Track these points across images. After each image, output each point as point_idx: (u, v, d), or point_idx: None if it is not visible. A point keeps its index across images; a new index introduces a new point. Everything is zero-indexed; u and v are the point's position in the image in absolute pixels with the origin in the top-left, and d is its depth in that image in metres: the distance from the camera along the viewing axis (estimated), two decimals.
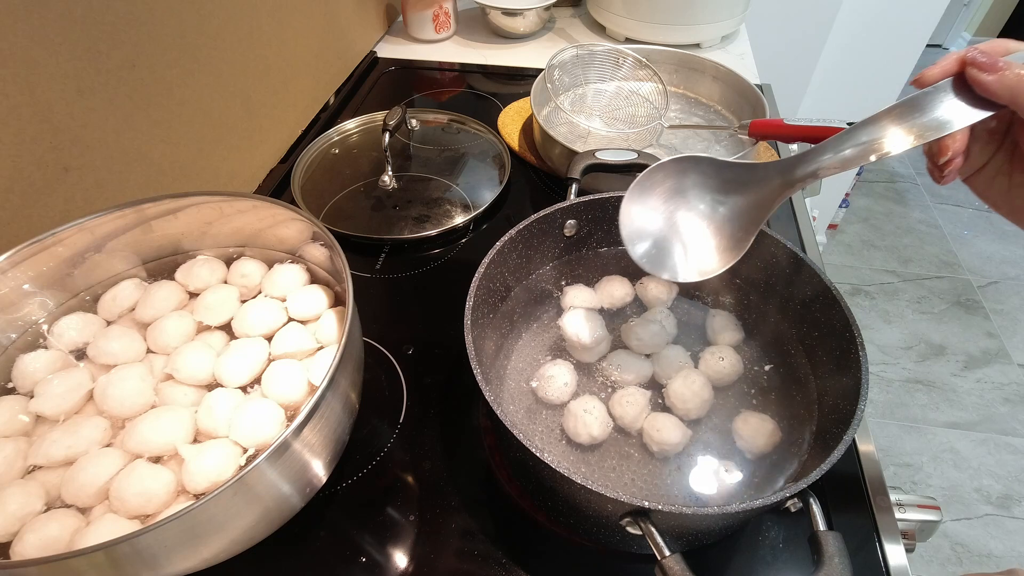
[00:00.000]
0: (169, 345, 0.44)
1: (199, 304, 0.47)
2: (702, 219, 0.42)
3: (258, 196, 0.47)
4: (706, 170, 0.41)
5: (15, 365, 0.42)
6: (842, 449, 0.37)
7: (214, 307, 0.47)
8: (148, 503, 0.36)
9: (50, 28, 0.45)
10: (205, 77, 0.63)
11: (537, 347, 0.54)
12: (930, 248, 2.17)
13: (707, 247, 0.42)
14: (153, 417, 0.39)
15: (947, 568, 1.37)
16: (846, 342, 0.44)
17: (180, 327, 0.46)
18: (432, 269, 0.68)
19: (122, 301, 0.47)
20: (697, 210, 0.42)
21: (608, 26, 1.12)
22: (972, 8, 2.97)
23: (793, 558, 0.45)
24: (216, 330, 0.47)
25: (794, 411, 0.48)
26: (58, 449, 0.38)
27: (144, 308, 0.47)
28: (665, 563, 0.34)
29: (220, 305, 0.47)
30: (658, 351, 0.52)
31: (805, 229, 0.73)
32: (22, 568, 0.29)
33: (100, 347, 0.43)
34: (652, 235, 0.43)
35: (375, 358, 0.59)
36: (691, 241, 0.43)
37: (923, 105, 0.29)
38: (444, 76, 1.04)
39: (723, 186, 0.41)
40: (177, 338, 0.45)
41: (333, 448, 0.41)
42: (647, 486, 0.45)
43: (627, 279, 0.58)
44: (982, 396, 1.70)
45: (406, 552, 0.46)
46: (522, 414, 0.49)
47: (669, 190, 0.42)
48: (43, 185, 0.47)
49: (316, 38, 0.87)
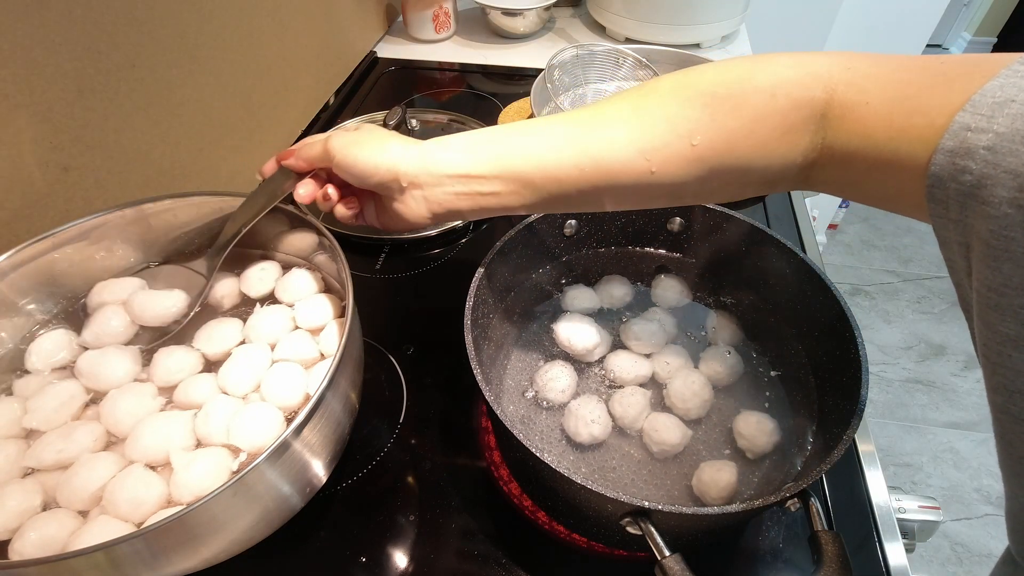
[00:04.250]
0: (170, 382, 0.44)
1: (201, 336, 0.46)
2: None
3: None
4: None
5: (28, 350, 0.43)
6: (842, 449, 0.37)
7: (215, 339, 0.46)
8: (138, 509, 0.36)
9: (50, 28, 0.45)
10: (205, 77, 0.63)
11: (537, 347, 0.54)
12: (930, 248, 2.17)
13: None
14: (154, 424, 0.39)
15: (947, 568, 1.37)
16: (846, 342, 0.44)
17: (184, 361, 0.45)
18: (432, 269, 0.68)
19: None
20: None
21: (608, 26, 1.12)
22: (972, 8, 2.96)
23: (793, 558, 0.45)
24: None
25: (794, 411, 0.48)
26: (49, 453, 0.38)
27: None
28: (665, 563, 0.34)
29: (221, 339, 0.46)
30: (658, 351, 0.52)
31: (805, 229, 0.73)
32: (22, 568, 0.29)
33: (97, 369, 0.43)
34: None
35: (375, 358, 0.59)
36: None
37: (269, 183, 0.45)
38: (444, 76, 1.04)
39: None
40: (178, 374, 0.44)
41: (333, 448, 0.41)
42: (647, 486, 0.45)
43: (627, 279, 0.58)
44: (982, 396, 1.70)
45: (406, 552, 0.46)
46: (522, 414, 0.49)
47: None
48: (43, 185, 0.47)
49: (316, 38, 0.87)
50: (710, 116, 0.35)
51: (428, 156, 0.40)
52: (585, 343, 0.51)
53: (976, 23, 3.00)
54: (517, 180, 0.39)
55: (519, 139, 0.40)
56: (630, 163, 0.37)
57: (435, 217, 0.42)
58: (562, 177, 0.38)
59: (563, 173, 0.38)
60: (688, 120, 0.35)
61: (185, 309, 0.47)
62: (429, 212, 0.42)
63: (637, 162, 0.36)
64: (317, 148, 0.42)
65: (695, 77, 0.36)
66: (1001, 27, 2.98)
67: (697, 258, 0.59)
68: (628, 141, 0.36)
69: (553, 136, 0.39)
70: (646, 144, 0.36)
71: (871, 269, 2.10)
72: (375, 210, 0.45)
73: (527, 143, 0.39)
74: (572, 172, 0.38)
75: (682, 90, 0.36)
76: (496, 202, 0.41)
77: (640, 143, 0.36)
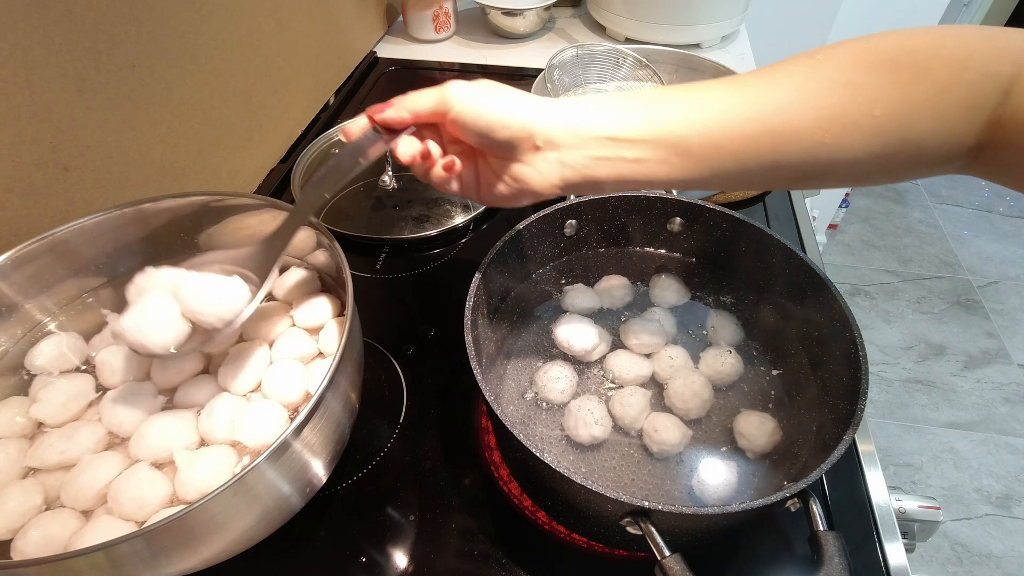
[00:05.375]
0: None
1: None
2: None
3: (258, 196, 0.48)
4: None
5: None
6: (842, 449, 0.37)
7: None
8: (142, 508, 0.36)
9: (50, 28, 0.45)
10: (205, 77, 0.63)
11: (537, 347, 0.54)
12: (930, 248, 2.17)
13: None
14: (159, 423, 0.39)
15: (947, 568, 1.37)
16: (846, 342, 0.44)
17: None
18: (432, 269, 0.68)
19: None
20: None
21: (608, 26, 1.12)
22: (972, 8, 2.96)
23: (793, 558, 0.45)
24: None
25: (794, 411, 0.48)
26: (52, 453, 0.38)
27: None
28: (665, 563, 0.34)
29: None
30: (658, 351, 0.52)
31: (805, 229, 0.73)
32: (22, 568, 0.29)
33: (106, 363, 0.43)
34: None
35: (375, 358, 0.59)
36: None
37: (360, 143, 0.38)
38: (444, 76, 1.04)
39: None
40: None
41: (333, 448, 0.41)
42: (647, 486, 0.45)
43: (627, 279, 0.58)
44: (982, 396, 1.70)
45: (406, 552, 0.46)
46: (522, 414, 0.49)
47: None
48: (43, 185, 0.47)
49: (316, 38, 0.87)
50: (895, 84, 0.32)
51: (571, 113, 0.36)
52: (585, 343, 0.51)
53: (976, 23, 3.00)
54: (672, 146, 0.35)
55: (674, 101, 0.36)
56: (804, 133, 0.33)
57: (566, 186, 0.38)
58: (724, 144, 0.34)
59: (725, 139, 0.34)
60: (870, 87, 0.32)
61: (245, 305, 0.39)
62: (561, 179, 0.37)
63: (811, 132, 0.33)
64: (429, 97, 0.37)
65: (877, 42, 0.33)
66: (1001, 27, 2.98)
67: (697, 258, 0.59)
68: (804, 108, 0.33)
69: (714, 99, 0.35)
70: (823, 112, 0.33)
71: (871, 269, 2.10)
72: (476, 178, 0.40)
73: (685, 106, 0.35)
74: (736, 139, 0.34)
75: (864, 55, 0.33)
76: (641, 171, 0.36)
77: (817, 111, 0.33)
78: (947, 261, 2.12)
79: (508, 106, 0.36)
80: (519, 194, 0.38)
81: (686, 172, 0.36)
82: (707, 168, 0.35)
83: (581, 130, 0.36)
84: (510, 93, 0.37)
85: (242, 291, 0.39)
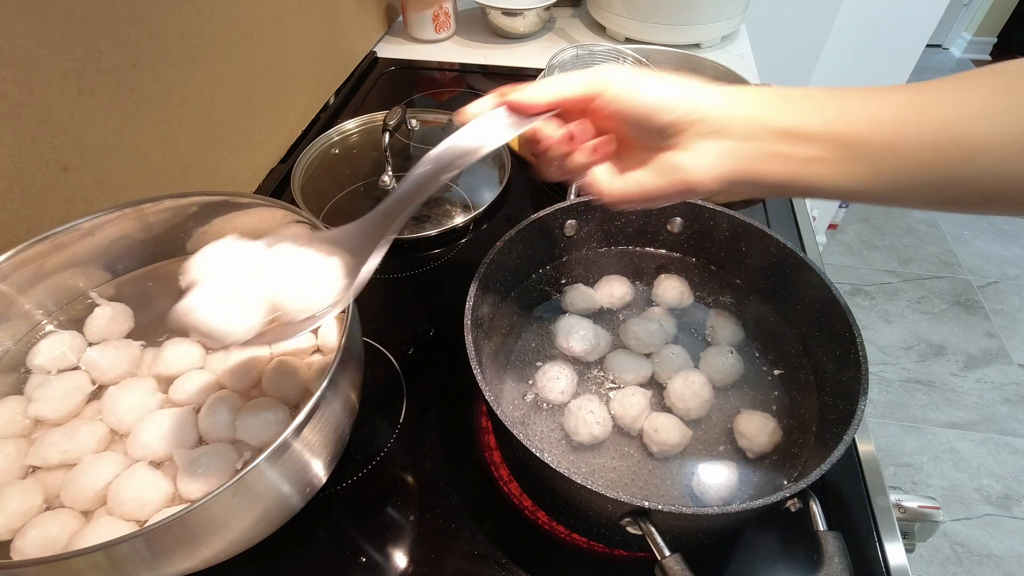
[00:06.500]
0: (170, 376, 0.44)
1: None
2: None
3: (258, 196, 0.47)
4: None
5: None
6: (842, 449, 0.37)
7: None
8: (143, 508, 0.36)
9: (50, 28, 0.45)
10: (205, 77, 0.63)
11: (537, 347, 0.54)
12: (930, 248, 2.17)
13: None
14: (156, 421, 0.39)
15: (947, 568, 1.37)
16: (846, 342, 0.44)
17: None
18: (432, 269, 0.68)
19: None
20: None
21: (608, 26, 1.12)
22: (972, 8, 2.96)
23: (793, 558, 0.45)
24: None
25: (794, 411, 0.48)
26: (54, 453, 0.38)
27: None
28: (665, 563, 0.34)
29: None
30: (658, 351, 0.52)
31: (805, 229, 0.73)
32: (22, 568, 0.29)
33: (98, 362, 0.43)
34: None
35: (375, 358, 0.59)
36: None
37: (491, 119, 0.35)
38: (444, 76, 1.04)
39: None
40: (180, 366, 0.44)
41: (333, 448, 0.41)
42: (647, 486, 0.45)
43: (627, 279, 0.58)
44: (982, 396, 1.70)
45: (406, 552, 0.46)
46: (522, 414, 0.49)
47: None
48: (43, 185, 0.47)
49: (316, 38, 0.87)
50: None
51: (745, 100, 0.33)
52: (585, 344, 0.51)
53: (976, 23, 3.00)
54: (852, 146, 0.32)
55: (854, 97, 0.33)
56: (995, 149, 0.30)
57: (730, 181, 0.34)
58: (905, 149, 0.31)
59: (908, 143, 0.31)
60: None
61: (343, 294, 0.34)
62: (727, 172, 0.33)
63: (1004, 149, 0.30)
64: (577, 80, 0.34)
65: None
66: (1001, 27, 2.98)
67: (697, 258, 0.59)
68: (998, 121, 0.30)
69: (896, 101, 0.32)
70: (1020, 127, 0.29)
71: (871, 269, 2.10)
72: (611, 170, 0.37)
73: (865, 102, 0.32)
74: (920, 145, 0.31)
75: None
76: (809, 173, 0.33)
77: (1014, 124, 0.29)
78: (947, 261, 2.12)
79: (674, 88, 0.33)
80: (669, 188, 0.34)
81: (855, 179, 0.33)
82: (878, 176, 0.32)
83: (756, 120, 0.33)
84: (671, 76, 0.34)
85: (338, 277, 0.33)
